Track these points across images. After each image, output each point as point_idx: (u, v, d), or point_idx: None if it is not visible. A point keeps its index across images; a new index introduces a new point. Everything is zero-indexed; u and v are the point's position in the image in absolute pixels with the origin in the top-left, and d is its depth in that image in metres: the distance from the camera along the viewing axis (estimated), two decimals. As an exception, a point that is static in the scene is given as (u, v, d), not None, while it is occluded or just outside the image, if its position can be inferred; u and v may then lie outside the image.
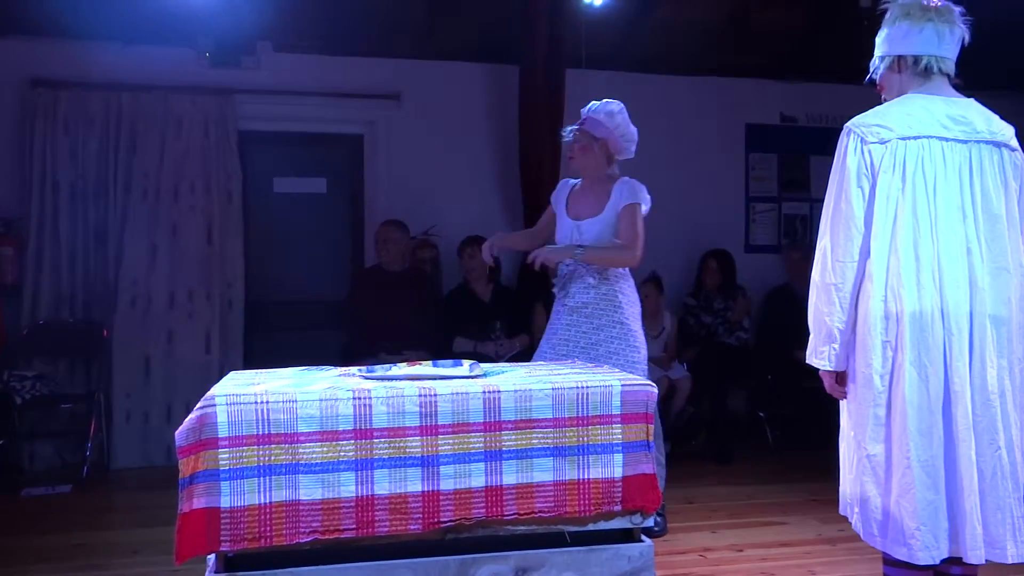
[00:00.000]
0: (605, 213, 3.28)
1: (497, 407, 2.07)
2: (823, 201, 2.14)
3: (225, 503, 1.92)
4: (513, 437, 2.07)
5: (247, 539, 1.92)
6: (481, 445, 2.05)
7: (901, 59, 2.11)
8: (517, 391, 2.08)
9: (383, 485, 2.00)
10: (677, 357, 5.11)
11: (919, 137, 2.02)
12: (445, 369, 2.32)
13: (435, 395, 2.05)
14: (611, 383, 2.14)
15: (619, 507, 2.09)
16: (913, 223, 1.99)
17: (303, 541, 1.95)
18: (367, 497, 1.99)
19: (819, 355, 2.08)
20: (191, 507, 1.91)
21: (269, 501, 1.95)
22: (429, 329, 4.58)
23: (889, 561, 2.06)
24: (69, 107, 4.84)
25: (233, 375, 2.40)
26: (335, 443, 1.99)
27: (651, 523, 2.13)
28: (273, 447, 1.96)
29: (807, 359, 2.12)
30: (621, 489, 2.09)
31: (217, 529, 1.91)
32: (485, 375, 2.29)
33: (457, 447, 2.04)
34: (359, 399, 2.01)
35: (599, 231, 3.26)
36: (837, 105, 5.56)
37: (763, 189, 5.96)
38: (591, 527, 2.10)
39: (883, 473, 1.99)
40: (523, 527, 2.07)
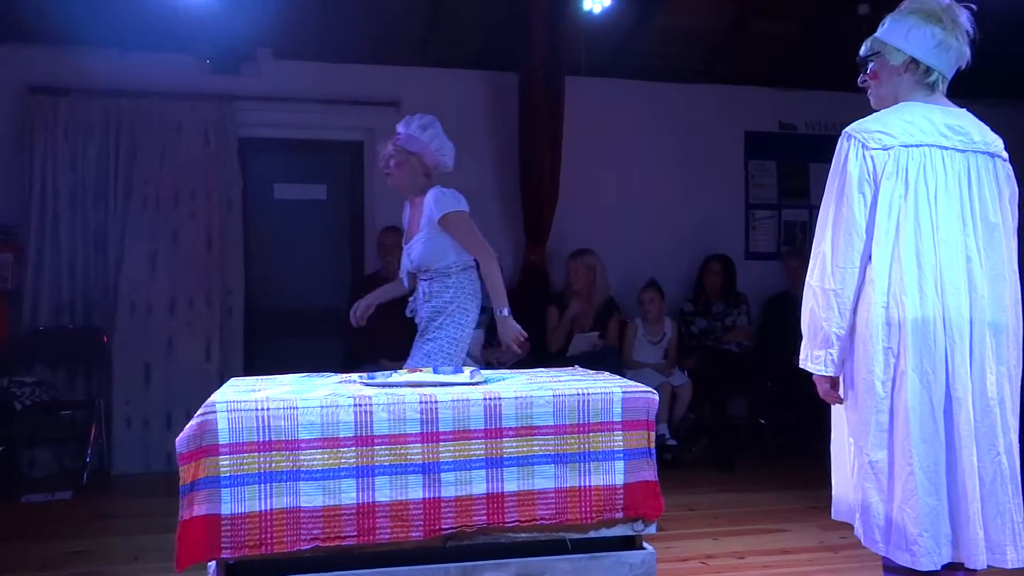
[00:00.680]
0: (422, 231, 3.30)
1: (498, 414, 2.07)
2: (823, 207, 2.14)
3: (226, 510, 1.92)
4: (514, 444, 2.07)
5: (248, 546, 1.92)
6: (482, 452, 2.05)
7: (914, 63, 2.10)
8: (518, 398, 2.08)
9: (384, 492, 2.00)
10: (678, 364, 5.10)
11: (921, 145, 2.03)
12: (446, 376, 2.32)
13: (436, 402, 2.05)
14: (612, 390, 2.14)
15: (621, 514, 2.09)
16: (915, 230, 1.99)
17: (304, 548, 1.95)
18: (368, 504, 1.99)
19: (815, 360, 2.07)
20: (192, 514, 1.91)
21: (270, 508, 1.94)
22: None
23: (890, 567, 2.05)
24: (69, 114, 4.84)
25: (233, 382, 2.40)
26: (336, 450, 1.99)
27: (653, 530, 2.13)
28: (274, 454, 1.96)
29: (801, 363, 2.12)
30: (623, 496, 2.09)
31: (218, 536, 1.91)
32: (486, 382, 2.29)
33: (458, 454, 2.04)
34: (360, 406, 2.01)
35: (420, 251, 3.29)
36: (836, 112, 5.56)
37: (763, 196, 5.97)
38: (592, 534, 2.10)
39: (885, 479, 1.99)
40: (524, 534, 2.07)
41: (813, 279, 2.07)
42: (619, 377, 2.39)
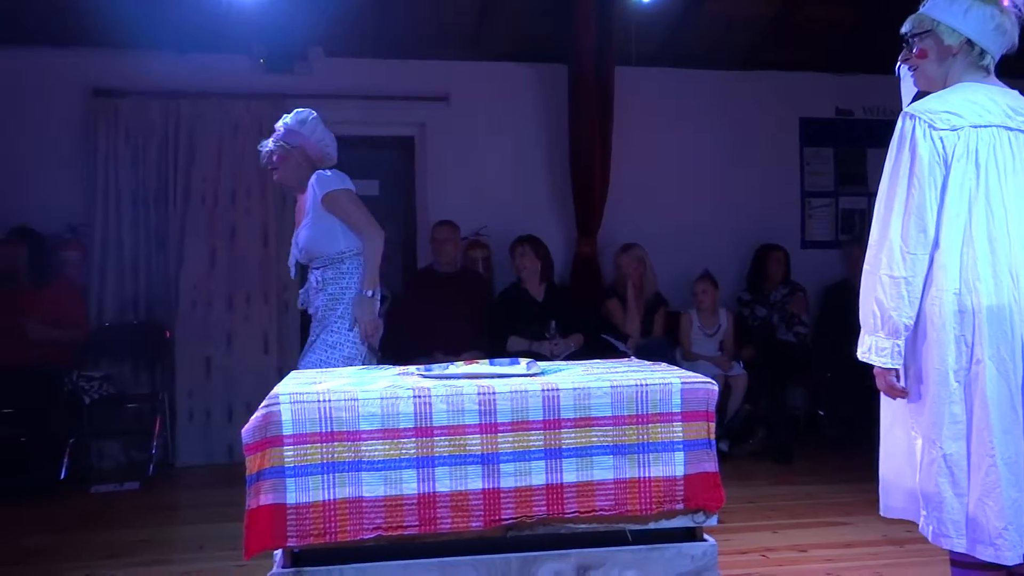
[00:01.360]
0: (307, 215, 3.26)
1: (556, 405, 2.07)
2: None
3: (291, 499, 1.95)
4: (573, 435, 2.06)
5: (313, 535, 1.95)
6: (541, 443, 2.05)
7: (969, 44, 2.03)
8: (576, 389, 2.08)
9: (444, 482, 2.01)
10: (735, 356, 5.01)
11: (989, 126, 1.96)
12: (503, 367, 2.32)
13: (494, 393, 2.06)
14: (671, 381, 2.12)
15: (681, 506, 2.07)
16: (987, 213, 1.93)
17: (367, 537, 1.98)
18: (429, 494, 2.00)
19: (880, 352, 2.01)
20: (258, 503, 1.95)
21: (333, 498, 1.97)
22: (483, 329, 4.60)
23: (960, 562, 2.00)
24: (129, 115, 4.98)
25: (294, 374, 2.44)
26: (396, 441, 2.01)
27: (714, 522, 2.11)
28: (336, 445, 1.99)
29: (862, 356, 2.05)
30: (683, 488, 2.07)
31: (284, 525, 1.94)
32: (543, 373, 2.29)
33: (517, 445, 2.04)
34: (419, 397, 2.03)
35: (306, 236, 3.23)
36: (895, 97, 5.43)
37: (819, 184, 5.85)
38: (652, 526, 2.08)
39: (962, 473, 1.93)
40: (584, 525, 2.06)
41: (881, 267, 2.00)
42: (677, 368, 2.37)
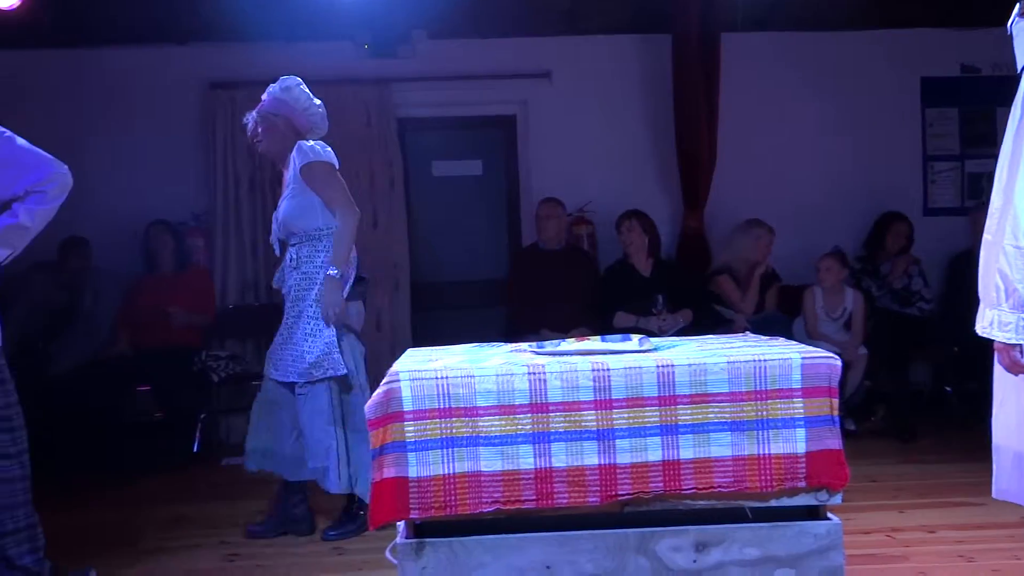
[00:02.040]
0: (287, 188, 3.16)
1: (671, 381, 2.05)
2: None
3: (412, 473, 2.02)
4: (689, 411, 2.04)
5: (434, 507, 2.01)
6: (656, 419, 2.04)
7: None
8: (691, 365, 2.05)
9: (560, 458, 2.03)
10: (864, 340, 4.66)
11: None
12: (615, 344, 2.32)
13: (608, 369, 2.06)
14: (790, 356, 2.07)
15: (803, 483, 2.02)
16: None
17: (486, 511, 2.02)
18: (545, 469, 2.03)
19: (1004, 326, 1.86)
20: (382, 476, 2.02)
21: (453, 472, 2.02)
22: (589, 305, 4.59)
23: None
24: (244, 106, 5.08)
25: (411, 352, 2.50)
26: (512, 417, 2.04)
27: (838, 500, 2.05)
28: (454, 420, 2.04)
29: (982, 330, 1.91)
30: (805, 465, 2.02)
31: (406, 497, 2.01)
32: (656, 349, 2.28)
33: (632, 421, 2.04)
34: (534, 374, 2.05)
35: (285, 209, 3.13)
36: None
37: (943, 147, 5.53)
38: (774, 503, 2.05)
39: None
40: (702, 502, 2.05)
41: (1005, 237, 1.86)
42: (797, 343, 2.30)
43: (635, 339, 2.35)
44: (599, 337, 2.45)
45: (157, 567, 3.00)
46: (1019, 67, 1.96)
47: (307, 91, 3.22)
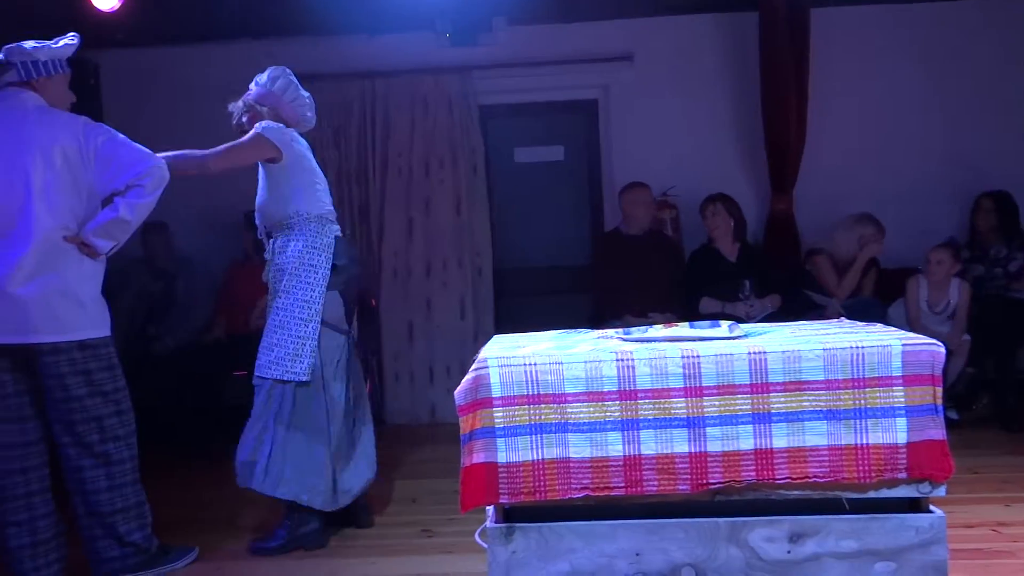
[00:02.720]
0: (261, 177, 3.08)
1: (764, 369, 2.01)
2: None
3: (502, 458, 2.03)
4: (782, 399, 2.00)
5: (523, 492, 2.03)
6: (748, 407, 2.00)
7: None
8: (785, 352, 2.00)
9: (649, 445, 2.02)
10: (967, 330, 4.46)
11: None
12: (704, 330, 2.28)
13: (698, 356, 2.03)
14: (890, 343, 2.00)
15: (904, 474, 1.96)
16: None
17: (575, 497, 2.03)
18: (634, 457, 2.02)
19: None
20: (471, 461, 2.05)
21: (542, 458, 2.03)
22: (674, 291, 4.52)
23: None
24: (330, 98, 5.27)
25: (497, 339, 2.52)
26: (601, 403, 2.04)
27: (942, 492, 1.97)
28: (543, 407, 2.05)
29: None
30: (906, 455, 1.95)
31: (496, 482, 2.03)
32: (746, 336, 2.23)
33: (723, 409, 2.01)
34: (622, 361, 2.04)
35: (258, 199, 3.09)
36: None
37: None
38: (872, 495, 1.99)
39: None
40: (796, 492, 2.00)
41: None
42: (896, 329, 2.22)
43: (724, 325, 2.31)
44: (687, 324, 2.42)
45: (258, 544, 3.10)
46: None
47: (295, 82, 3.18)
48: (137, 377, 3.17)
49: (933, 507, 2.00)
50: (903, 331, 2.16)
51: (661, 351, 2.06)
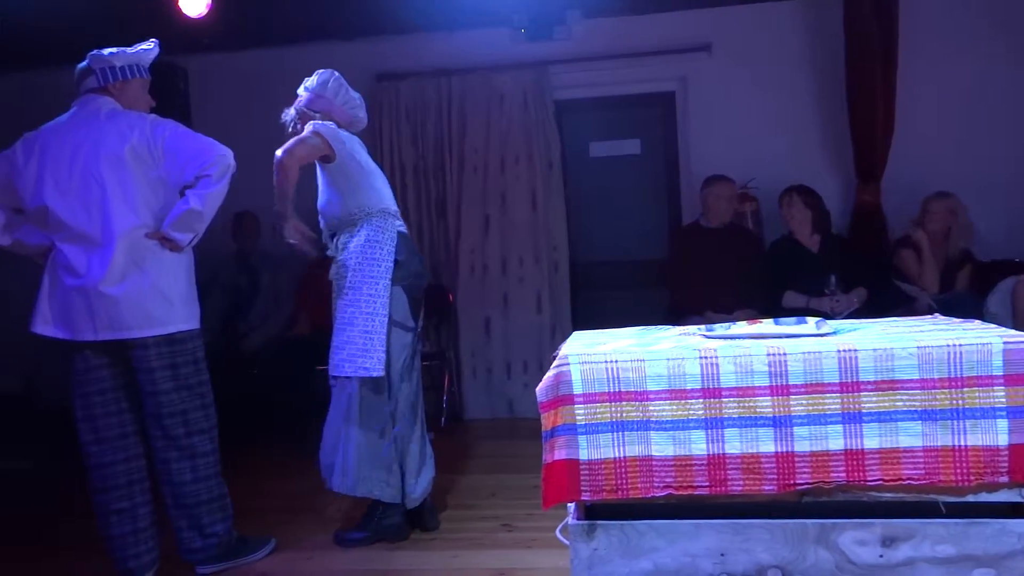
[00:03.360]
0: (320, 178, 3.12)
1: (854, 367, 1.95)
2: None
3: (583, 455, 2.03)
4: (874, 399, 1.94)
5: (605, 490, 2.02)
6: (838, 407, 1.95)
7: None
8: (876, 351, 1.94)
9: (734, 444, 1.99)
10: None
11: None
12: (790, 327, 2.23)
13: (785, 354, 1.98)
14: (990, 341, 1.91)
15: (1005, 478, 1.87)
16: None
17: (658, 495, 2.01)
18: (719, 455, 1.99)
19: None
20: (553, 458, 2.05)
21: (624, 455, 2.03)
22: (755, 285, 4.43)
23: None
24: (408, 96, 5.37)
25: (577, 335, 2.51)
26: (684, 402, 2.01)
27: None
28: (624, 404, 2.04)
29: None
30: (1007, 458, 1.87)
31: (577, 479, 2.03)
32: (835, 332, 2.17)
33: (811, 408, 1.96)
34: (706, 358, 2.01)
35: (319, 200, 3.13)
36: None
37: None
38: (970, 498, 1.91)
39: None
40: (889, 494, 1.94)
41: None
42: (996, 326, 2.13)
43: (811, 322, 2.26)
44: (771, 320, 2.37)
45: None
46: None
47: (345, 83, 3.20)
48: (227, 372, 3.28)
49: (1038, 513, 1.91)
50: (1003, 328, 2.07)
51: (746, 349, 2.02)
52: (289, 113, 3.20)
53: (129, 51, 2.84)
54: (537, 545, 2.91)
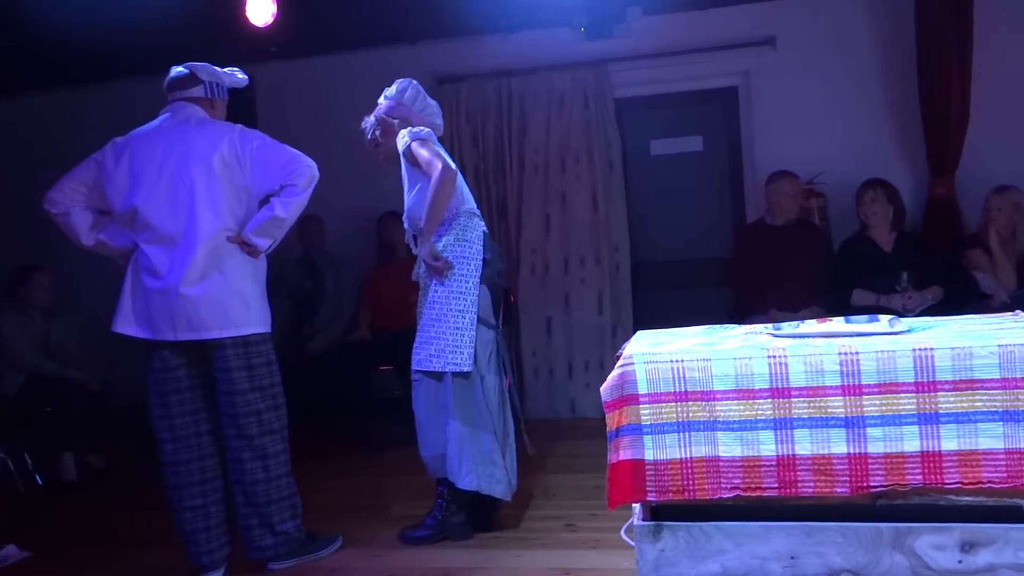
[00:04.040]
0: (406, 183, 3.13)
1: (930, 366, 1.89)
2: None
3: (649, 456, 2.02)
4: (952, 399, 1.88)
5: (671, 491, 2.01)
6: (913, 407, 1.90)
7: None
8: (954, 349, 1.88)
9: (804, 445, 1.95)
10: None
11: None
12: (862, 325, 2.17)
13: (857, 353, 1.94)
14: (1076, 338, 1.83)
15: (1094, 482, 1.79)
16: None
17: (725, 497, 1.98)
18: (788, 457, 1.96)
19: None
20: (618, 458, 2.04)
21: (690, 456, 2.01)
22: (823, 283, 4.32)
23: None
24: (469, 98, 5.40)
25: (641, 334, 2.50)
26: (752, 402, 1.98)
27: None
28: (690, 404, 2.02)
29: None
30: (1096, 462, 1.79)
31: (643, 480, 2.02)
32: (909, 331, 2.11)
33: (885, 408, 1.91)
34: (774, 358, 1.98)
35: (407, 202, 3.13)
36: None
37: None
38: (1056, 503, 1.83)
39: None
40: (968, 498, 1.88)
41: None
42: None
43: (884, 320, 2.20)
44: (841, 318, 2.31)
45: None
46: None
47: (422, 91, 3.27)
48: (294, 375, 3.35)
49: None
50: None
51: (816, 347, 1.98)
52: (369, 120, 3.27)
53: (238, 75, 3.03)
54: (601, 545, 2.89)
